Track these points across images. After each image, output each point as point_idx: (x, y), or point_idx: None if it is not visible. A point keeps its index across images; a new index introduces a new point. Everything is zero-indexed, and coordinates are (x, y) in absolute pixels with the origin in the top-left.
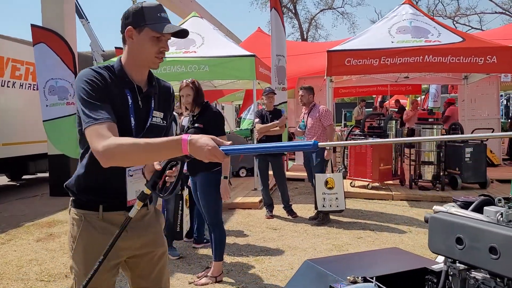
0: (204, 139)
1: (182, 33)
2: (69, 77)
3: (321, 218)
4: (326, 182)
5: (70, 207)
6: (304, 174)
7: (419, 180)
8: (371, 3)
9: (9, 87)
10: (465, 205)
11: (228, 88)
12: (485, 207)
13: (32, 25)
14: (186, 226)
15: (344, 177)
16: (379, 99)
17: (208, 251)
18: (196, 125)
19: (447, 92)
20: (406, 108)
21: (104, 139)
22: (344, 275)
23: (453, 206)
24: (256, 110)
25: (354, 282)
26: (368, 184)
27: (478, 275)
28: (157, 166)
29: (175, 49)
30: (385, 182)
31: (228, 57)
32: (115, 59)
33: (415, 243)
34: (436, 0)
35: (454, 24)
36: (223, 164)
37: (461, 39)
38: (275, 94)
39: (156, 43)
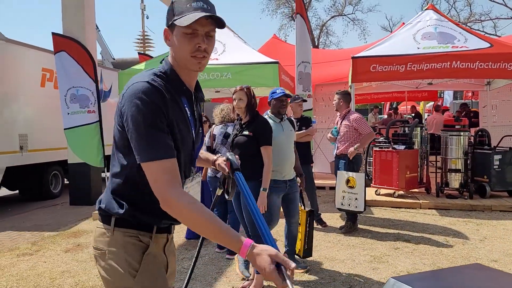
0: (265, 260)
1: (218, 23)
2: (90, 85)
3: (349, 226)
4: (348, 181)
5: (112, 227)
6: (325, 182)
7: (446, 188)
8: (382, 9)
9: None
10: None
11: None
12: None
13: (53, 33)
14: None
15: (368, 186)
16: (388, 106)
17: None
18: (245, 132)
19: (461, 98)
20: (421, 114)
21: (177, 189)
22: None
23: None
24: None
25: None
26: (394, 192)
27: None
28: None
29: None
30: (411, 190)
31: (251, 64)
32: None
33: (455, 254)
34: (449, 6)
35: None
36: (264, 175)
37: (489, 45)
38: (305, 101)
39: (189, 40)
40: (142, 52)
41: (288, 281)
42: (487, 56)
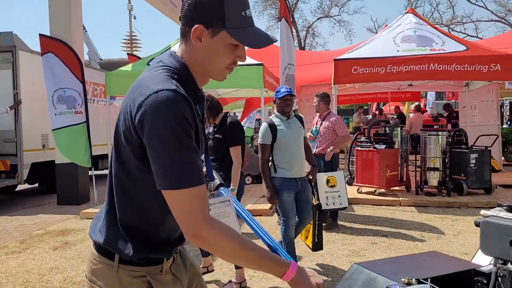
0: (308, 285)
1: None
2: (77, 86)
3: (330, 223)
4: (328, 181)
5: (116, 265)
6: None
7: (425, 186)
8: (367, 11)
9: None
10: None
11: (232, 96)
12: None
13: (41, 35)
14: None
15: (350, 184)
16: (374, 106)
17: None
18: (216, 135)
19: (443, 98)
20: (405, 114)
21: (210, 221)
22: (394, 278)
23: (501, 210)
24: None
25: (409, 284)
26: (375, 190)
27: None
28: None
29: None
30: (392, 188)
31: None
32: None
33: (429, 247)
34: (432, 8)
35: (450, 32)
36: (232, 174)
37: (465, 48)
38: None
39: (232, 51)
40: (130, 52)
41: None
42: (463, 58)
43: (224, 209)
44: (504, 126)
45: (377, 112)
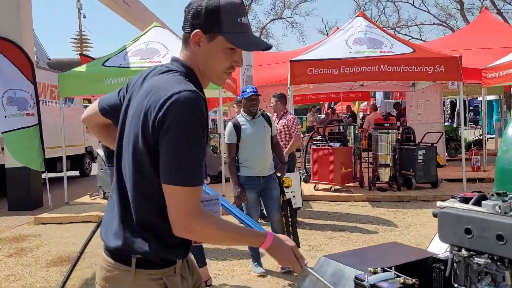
0: (286, 249)
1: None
2: (28, 87)
3: None
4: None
5: (134, 269)
6: None
7: (377, 182)
8: (318, 13)
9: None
10: (464, 200)
11: None
12: (482, 201)
13: None
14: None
15: (307, 182)
16: (326, 105)
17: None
18: None
19: (389, 98)
20: (356, 113)
21: (201, 214)
22: (361, 268)
23: (455, 201)
24: (228, 119)
25: (375, 273)
26: (331, 187)
27: (481, 260)
28: None
29: (139, 58)
30: (346, 184)
31: None
32: None
33: (384, 240)
34: (379, 12)
35: (396, 35)
36: None
37: (412, 50)
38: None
39: (229, 56)
40: (80, 52)
41: (306, 267)
42: (411, 60)
43: (212, 207)
44: (446, 123)
45: (329, 111)
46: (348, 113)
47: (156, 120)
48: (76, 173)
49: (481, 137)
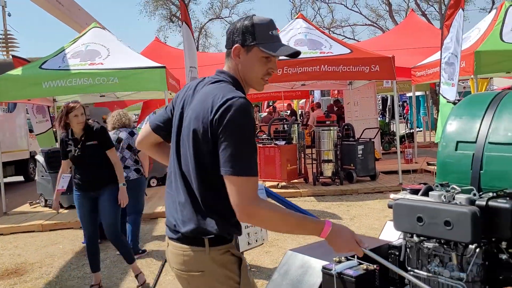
0: (347, 235)
1: (294, 54)
2: None
3: None
4: None
5: (208, 248)
6: None
7: (321, 177)
8: (256, 13)
9: None
10: (414, 192)
11: (131, 98)
12: (430, 192)
13: None
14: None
15: None
16: (265, 104)
17: (146, 262)
18: (90, 143)
19: (325, 95)
20: (296, 111)
21: (261, 201)
22: (326, 258)
23: (406, 193)
24: None
25: (340, 262)
26: (278, 184)
27: (430, 244)
28: None
29: (79, 61)
30: (292, 181)
31: (138, 69)
32: None
33: None
34: (315, 12)
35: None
36: (117, 173)
37: (349, 51)
38: None
39: (265, 64)
40: (5, 52)
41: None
42: (348, 60)
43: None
44: (379, 119)
45: (271, 110)
46: (289, 111)
47: (213, 122)
48: (21, 178)
49: (412, 130)
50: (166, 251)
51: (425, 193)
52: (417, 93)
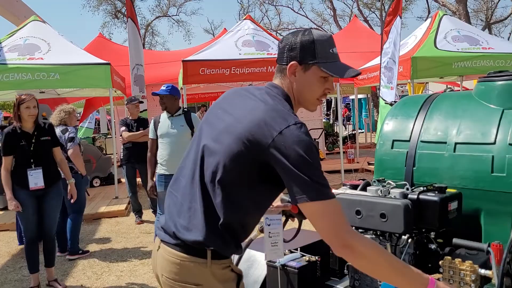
0: None
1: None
2: None
3: None
4: None
5: (209, 261)
6: None
7: None
8: (204, 13)
9: None
10: (353, 187)
11: (74, 95)
12: (368, 187)
13: None
14: None
15: None
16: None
17: (89, 263)
18: (44, 138)
19: None
20: None
21: (353, 231)
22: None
23: (346, 188)
24: (120, 119)
25: (284, 255)
26: None
27: (367, 236)
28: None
29: (17, 55)
30: None
31: (81, 65)
32: None
33: None
34: (262, 14)
35: (278, 37)
36: (66, 172)
37: None
38: (142, 102)
39: (323, 83)
40: None
41: None
42: None
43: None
44: (324, 120)
45: None
46: None
47: (268, 144)
48: None
49: (354, 132)
50: (153, 254)
51: (363, 188)
52: (359, 96)
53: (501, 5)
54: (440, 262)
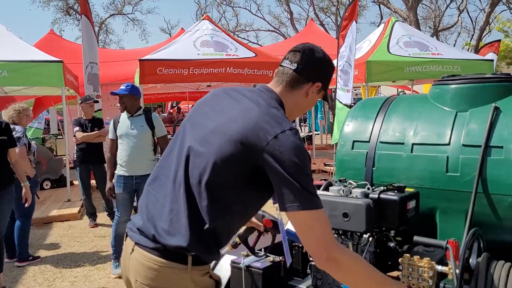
0: None
1: None
2: None
3: None
4: None
5: (190, 267)
6: None
7: None
8: (160, 12)
9: None
10: (316, 187)
11: (22, 94)
12: (330, 187)
13: None
14: None
15: None
16: (169, 105)
17: (40, 269)
18: (2, 137)
19: None
20: None
21: (338, 244)
22: (234, 253)
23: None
24: (74, 119)
25: (247, 256)
26: None
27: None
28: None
29: None
30: None
31: (31, 62)
32: None
33: None
34: (220, 15)
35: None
36: (21, 174)
37: (254, 54)
38: (97, 102)
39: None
40: None
41: None
42: (254, 64)
43: None
44: None
45: (174, 111)
46: None
47: (262, 148)
48: None
49: (310, 133)
50: (125, 257)
51: (326, 188)
52: None
53: (448, 13)
54: (400, 260)
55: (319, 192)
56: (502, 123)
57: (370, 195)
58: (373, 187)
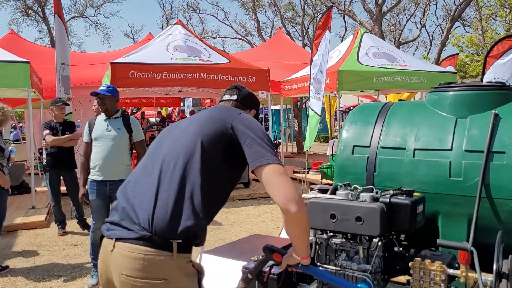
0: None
1: None
2: None
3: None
4: None
5: (175, 254)
6: None
7: None
8: (124, 16)
9: None
10: (323, 191)
11: None
12: (337, 191)
13: None
14: None
15: None
16: (130, 110)
17: (10, 280)
18: None
19: (198, 104)
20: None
21: (300, 196)
22: (241, 258)
23: (316, 192)
24: (44, 121)
25: (256, 261)
26: None
27: (338, 240)
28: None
29: None
30: None
31: None
32: None
33: (215, 238)
34: (186, 21)
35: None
36: None
37: (228, 61)
38: (68, 105)
39: None
40: None
41: None
42: (227, 70)
43: None
44: None
45: (138, 117)
46: (159, 118)
47: (231, 126)
48: None
49: (275, 141)
50: (105, 257)
51: (333, 192)
52: (276, 107)
53: (408, 27)
54: (410, 264)
55: (328, 195)
56: (503, 129)
57: (381, 199)
58: (381, 191)
